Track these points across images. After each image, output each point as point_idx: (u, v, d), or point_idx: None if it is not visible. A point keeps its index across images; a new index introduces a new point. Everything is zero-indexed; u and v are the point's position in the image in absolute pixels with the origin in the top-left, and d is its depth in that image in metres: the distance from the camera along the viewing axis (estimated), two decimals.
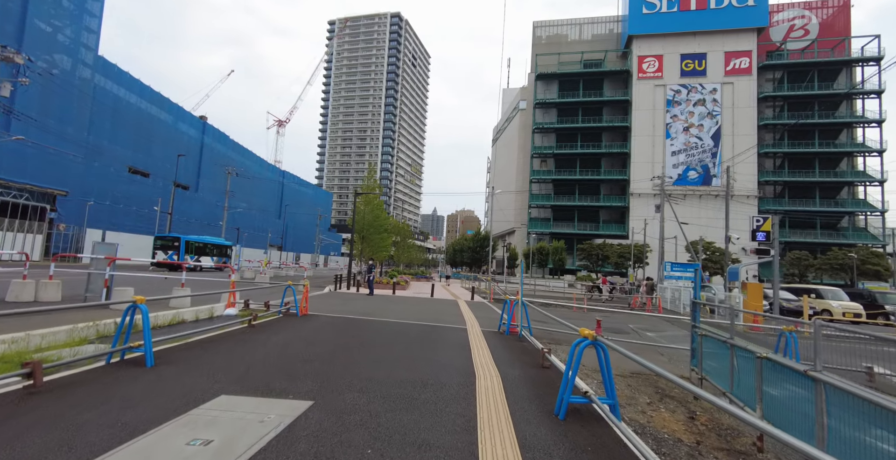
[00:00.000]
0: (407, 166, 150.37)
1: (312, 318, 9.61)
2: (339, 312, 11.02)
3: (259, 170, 73.75)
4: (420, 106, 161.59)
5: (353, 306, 12.74)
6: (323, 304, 12.70)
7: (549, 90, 66.08)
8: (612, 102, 62.65)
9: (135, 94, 45.42)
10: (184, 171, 55.76)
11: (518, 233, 67.77)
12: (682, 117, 59.17)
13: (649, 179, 59.23)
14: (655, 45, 60.42)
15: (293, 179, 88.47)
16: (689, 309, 7.81)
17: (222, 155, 62.01)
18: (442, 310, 13.17)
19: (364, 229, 23.27)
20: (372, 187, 23.34)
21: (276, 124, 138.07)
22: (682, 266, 22.54)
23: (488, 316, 12.28)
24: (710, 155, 58.01)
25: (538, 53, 67.45)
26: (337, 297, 15.71)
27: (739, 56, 57.80)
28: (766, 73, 58.92)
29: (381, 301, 15.04)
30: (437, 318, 10.87)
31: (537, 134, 65.68)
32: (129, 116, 44.59)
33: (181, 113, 54.07)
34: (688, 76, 59.42)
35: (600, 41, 67.35)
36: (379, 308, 12.57)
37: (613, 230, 59.95)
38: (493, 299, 17.94)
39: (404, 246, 37.94)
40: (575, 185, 62.48)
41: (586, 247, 47.39)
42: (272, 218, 77.53)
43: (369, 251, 23.54)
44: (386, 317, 10.55)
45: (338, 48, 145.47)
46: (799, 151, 56.11)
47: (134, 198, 42.92)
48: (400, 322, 9.85)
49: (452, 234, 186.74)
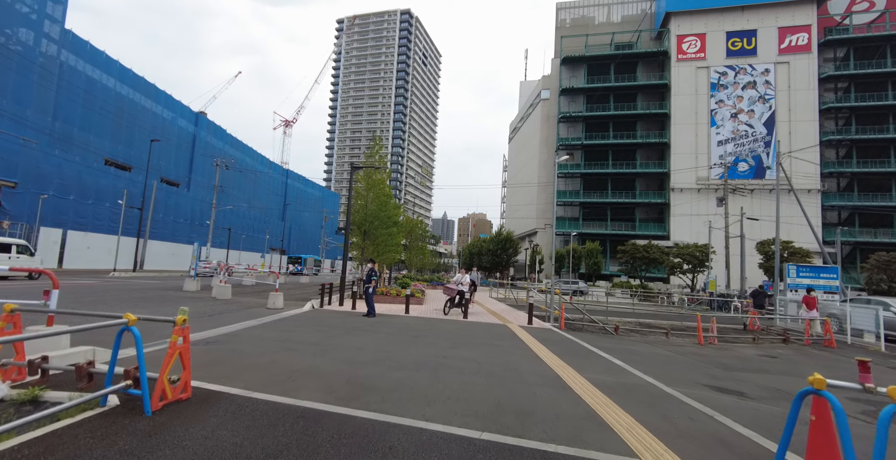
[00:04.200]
0: (417, 168, 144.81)
1: (175, 429, 3.38)
2: (278, 385, 4.60)
3: (261, 168, 68.45)
4: (431, 106, 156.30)
5: (325, 355, 6.18)
6: (264, 349, 6.52)
7: (576, 76, 59.72)
8: (648, 87, 56.04)
9: (113, 78, 40.20)
10: (174, 167, 50.59)
11: (541, 235, 61.20)
12: (730, 102, 52.33)
13: (693, 172, 52.55)
14: (697, 23, 53.80)
15: (298, 179, 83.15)
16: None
17: (219, 150, 56.63)
18: (509, 363, 6.22)
19: (366, 221, 17.12)
20: (376, 161, 17.17)
21: (283, 124, 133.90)
22: (813, 269, 15.96)
23: (635, 393, 5.02)
24: (763, 144, 51.01)
25: (563, 36, 61.19)
26: (309, 324, 9.56)
27: (796, 31, 50.87)
28: (825, 51, 51.88)
29: (384, 334, 8.31)
30: (525, 410, 4.12)
31: (563, 124, 59.31)
32: (108, 102, 39.36)
33: (171, 102, 48.86)
34: (735, 56, 52.63)
35: (631, 22, 60.88)
36: (379, 359, 6.06)
37: (652, 230, 53.18)
38: (566, 325, 11.63)
39: (418, 247, 31.73)
40: (607, 180, 55.83)
41: (628, 248, 40.72)
42: (275, 219, 72.11)
43: (373, 251, 17.34)
44: (395, 411, 3.90)
45: (346, 47, 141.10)
46: (869, 138, 48.84)
47: (111, 194, 37.49)
48: (440, 434, 3.51)
49: (464, 238, 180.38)
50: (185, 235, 49.51)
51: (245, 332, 7.74)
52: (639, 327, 13.65)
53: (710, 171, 51.45)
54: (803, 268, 15.84)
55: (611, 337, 10.60)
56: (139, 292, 15.57)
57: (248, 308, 12.46)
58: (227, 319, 9.51)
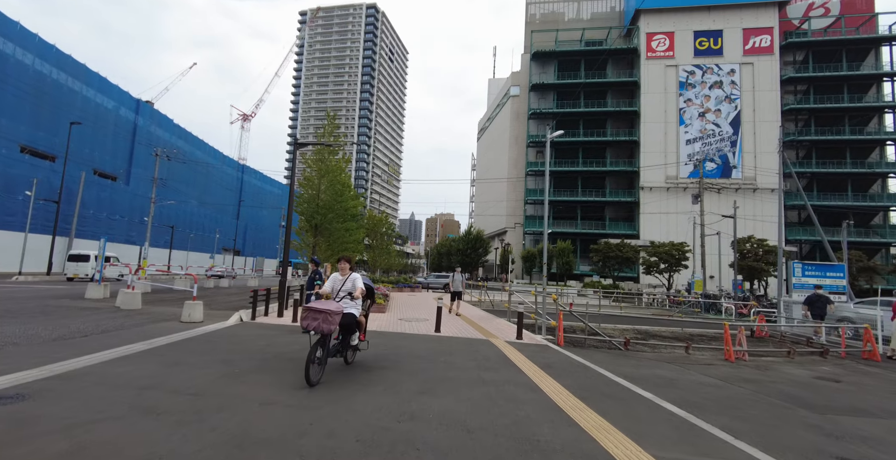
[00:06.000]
0: (384, 166, 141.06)
1: None
2: None
3: (213, 162, 63.28)
4: (398, 103, 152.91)
5: (200, 424, 3.32)
6: (97, 410, 3.73)
7: (546, 73, 58.51)
8: (619, 85, 55.50)
9: (31, 54, 35.09)
10: (111, 158, 45.36)
11: (511, 234, 59.59)
12: (698, 101, 52.49)
13: (662, 171, 52.28)
14: (666, 21, 53.72)
15: (254, 175, 78.01)
16: None
17: (164, 142, 51.40)
18: (519, 426, 3.59)
19: (317, 213, 14.36)
20: (328, 136, 14.26)
21: (241, 118, 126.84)
22: (819, 267, 14.51)
23: None
24: (730, 143, 51.40)
25: (533, 30, 59.87)
26: (216, 351, 6.72)
27: (759, 33, 51.60)
28: (785, 54, 52.95)
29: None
30: None
31: (533, 121, 57.95)
32: (23, 82, 34.28)
33: (106, 86, 43.70)
34: (702, 56, 52.86)
35: (600, 19, 60.41)
36: (296, 432, 3.28)
37: (622, 229, 52.55)
38: (565, 341, 9.30)
39: (383, 246, 28.90)
40: (577, 178, 54.81)
41: (601, 247, 39.46)
42: (228, 218, 67.03)
43: (326, 249, 14.57)
44: None
45: (310, 40, 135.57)
46: (827, 139, 50.05)
47: (27, 186, 32.46)
48: None
49: (432, 239, 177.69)
50: (122, 234, 44.53)
51: (98, 370, 4.95)
52: (639, 336, 11.61)
53: (680, 170, 51.36)
54: (809, 267, 14.37)
55: (622, 355, 8.40)
56: (18, 302, 12.15)
57: (155, 322, 9.49)
58: (102, 342, 6.61)
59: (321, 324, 4.65)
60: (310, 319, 4.68)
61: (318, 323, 4.65)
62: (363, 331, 5.87)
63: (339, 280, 5.47)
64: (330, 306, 4.79)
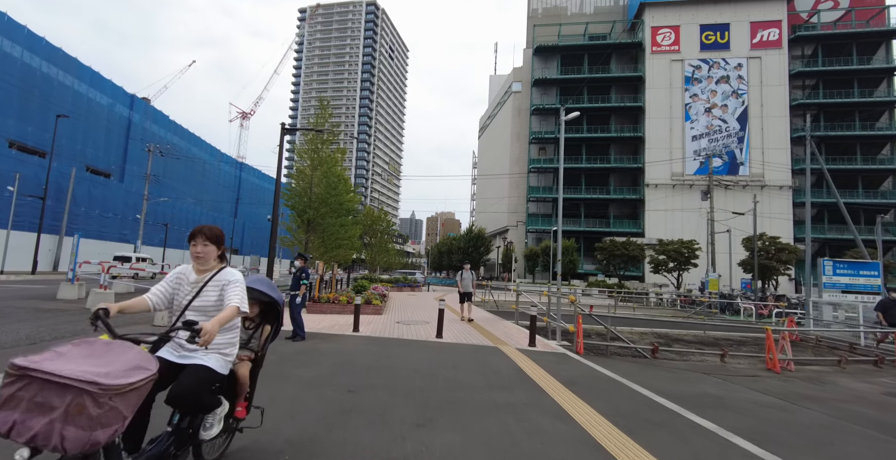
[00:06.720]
0: (384, 165, 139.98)
1: None
2: None
3: (210, 159, 62.28)
4: (398, 101, 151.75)
5: None
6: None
7: (549, 68, 57.38)
8: (623, 80, 54.36)
9: (19, 46, 34.06)
10: (104, 155, 44.33)
11: (513, 232, 58.51)
12: (704, 97, 51.34)
13: (668, 167, 51.15)
14: (671, 15, 52.54)
15: (253, 173, 76.97)
16: None
17: (160, 139, 50.38)
18: None
19: (310, 207, 13.31)
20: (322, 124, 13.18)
21: (240, 116, 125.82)
22: (852, 265, 13.43)
23: None
24: (737, 139, 50.26)
25: (535, 25, 58.72)
26: None
27: (767, 27, 50.42)
28: (794, 48, 51.72)
29: (296, 385, 4.50)
30: None
31: (535, 117, 56.82)
32: (10, 74, 33.26)
33: (98, 81, 42.71)
34: (709, 50, 51.68)
35: (604, 13, 59.26)
36: None
37: (626, 226, 51.46)
38: (584, 349, 8.20)
39: (381, 244, 27.81)
40: (580, 175, 53.67)
41: (606, 245, 38.37)
42: (226, 216, 65.98)
43: (319, 246, 13.53)
44: None
45: (309, 37, 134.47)
46: (837, 135, 48.94)
47: (13, 182, 31.41)
48: None
49: (432, 238, 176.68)
50: (115, 232, 43.48)
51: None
52: (661, 341, 10.55)
53: (685, 167, 50.25)
54: (841, 265, 13.29)
55: (650, 364, 7.35)
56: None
57: (124, 325, 8.44)
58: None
59: (35, 425, 1.44)
60: (10, 409, 1.46)
61: (30, 420, 1.45)
62: (246, 398, 2.70)
63: (187, 281, 2.45)
64: (96, 363, 1.66)
